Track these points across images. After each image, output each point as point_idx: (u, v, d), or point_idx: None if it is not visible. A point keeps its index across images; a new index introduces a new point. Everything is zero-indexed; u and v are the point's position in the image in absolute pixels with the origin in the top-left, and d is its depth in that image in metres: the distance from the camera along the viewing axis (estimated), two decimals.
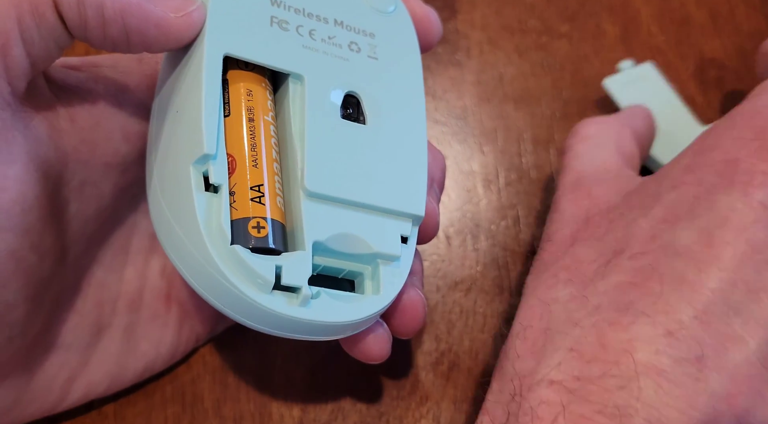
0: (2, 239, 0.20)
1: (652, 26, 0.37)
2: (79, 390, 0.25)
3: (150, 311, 0.26)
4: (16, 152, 0.21)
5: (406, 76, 0.25)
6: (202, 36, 0.21)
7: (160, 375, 0.28)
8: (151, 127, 0.23)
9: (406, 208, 0.23)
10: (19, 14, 0.19)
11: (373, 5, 0.25)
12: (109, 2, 0.20)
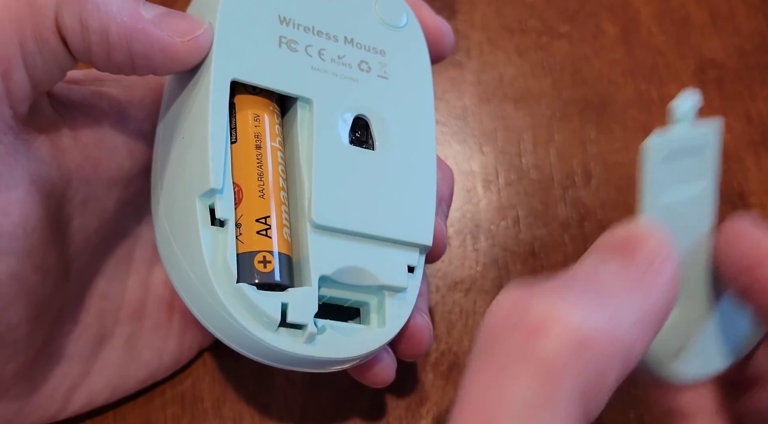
0: (5, 263, 0.20)
1: (652, 26, 0.37)
2: (81, 399, 0.25)
3: (153, 321, 0.26)
4: (18, 176, 0.20)
5: (417, 96, 0.24)
6: (209, 60, 0.21)
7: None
8: (157, 151, 0.23)
9: (413, 238, 0.22)
10: (22, 39, 0.19)
11: (385, 20, 0.24)
12: (114, 27, 0.20)
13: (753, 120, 0.34)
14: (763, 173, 0.33)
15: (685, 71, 0.36)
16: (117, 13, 0.20)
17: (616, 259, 0.18)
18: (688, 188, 0.19)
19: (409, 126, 0.24)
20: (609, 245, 0.18)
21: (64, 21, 0.19)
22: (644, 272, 0.17)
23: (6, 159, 0.20)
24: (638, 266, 0.17)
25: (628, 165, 0.33)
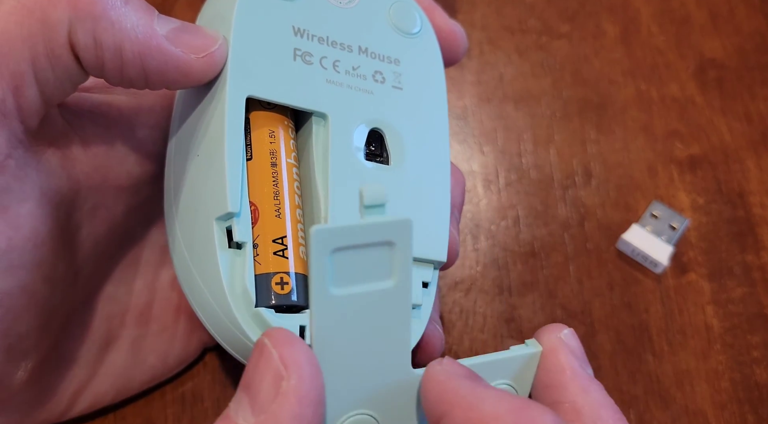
0: (16, 277, 0.20)
1: (652, 26, 0.37)
2: (86, 401, 0.25)
3: (159, 324, 0.26)
4: (28, 190, 0.20)
5: (431, 106, 0.24)
6: (224, 76, 0.20)
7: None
8: (170, 167, 0.23)
9: (428, 255, 0.22)
10: (34, 56, 0.19)
11: (399, 26, 0.24)
12: (128, 45, 0.19)
13: (753, 120, 0.34)
14: (763, 173, 0.33)
15: (685, 71, 0.36)
16: (131, 29, 0.19)
17: (245, 401, 0.16)
18: (376, 284, 0.17)
19: (423, 138, 0.23)
20: (243, 383, 0.17)
21: (77, 38, 0.19)
22: (267, 411, 0.16)
23: (17, 173, 0.20)
24: (261, 406, 0.16)
25: (628, 165, 0.33)
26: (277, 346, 0.16)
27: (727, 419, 0.28)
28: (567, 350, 0.19)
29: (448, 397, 0.17)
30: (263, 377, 0.16)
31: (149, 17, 0.20)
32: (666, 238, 0.31)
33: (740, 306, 0.30)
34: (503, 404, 0.16)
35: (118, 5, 0.19)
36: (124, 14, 0.19)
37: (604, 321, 0.30)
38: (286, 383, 0.16)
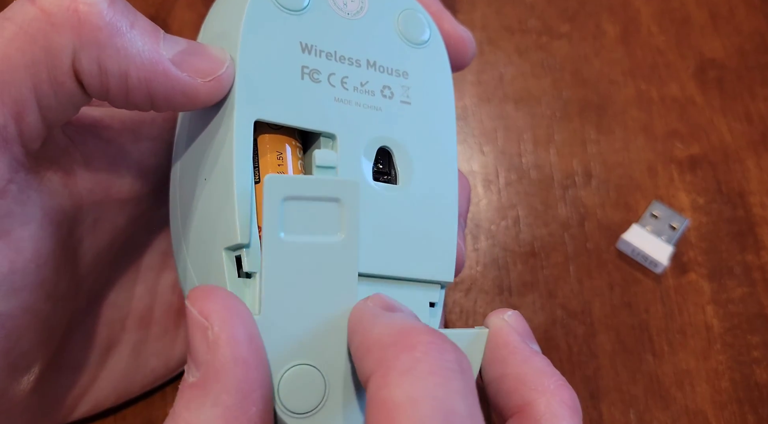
0: (18, 298, 0.20)
1: (652, 26, 0.37)
2: (87, 405, 0.25)
3: (160, 327, 0.26)
4: (30, 212, 0.20)
5: (439, 120, 0.24)
6: (232, 99, 0.20)
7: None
8: (175, 189, 0.22)
9: (436, 276, 0.22)
10: (36, 82, 0.19)
11: (407, 36, 0.24)
12: (134, 71, 0.19)
13: (753, 120, 0.34)
14: (763, 173, 0.33)
15: (685, 71, 0.36)
16: (137, 55, 0.19)
17: (189, 361, 0.17)
18: (324, 238, 0.19)
19: (431, 154, 0.23)
20: (187, 349, 0.17)
21: (81, 65, 0.19)
22: (205, 362, 0.17)
23: (18, 197, 0.20)
24: (200, 361, 0.17)
25: (628, 165, 0.33)
26: (195, 303, 0.17)
27: (727, 419, 0.28)
28: (510, 328, 0.20)
29: (353, 324, 0.18)
30: (194, 335, 0.17)
31: (155, 40, 0.19)
32: (666, 238, 0.31)
33: (740, 306, 0.30)
34: (390, 328, 0.17)
35: (123, 30, 0.19)
36: (129, 40, 0.19)
37: (604, 321, 0.30)
38: (211, 332, 0.17)
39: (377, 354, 0.16)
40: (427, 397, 0.15)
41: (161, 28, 0.20)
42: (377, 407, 0.15)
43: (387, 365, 0.16)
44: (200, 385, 0.17)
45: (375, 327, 0.17)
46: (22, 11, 0.18)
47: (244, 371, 0.17)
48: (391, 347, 0.16)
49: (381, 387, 0.16)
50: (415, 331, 0.17)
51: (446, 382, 0.16)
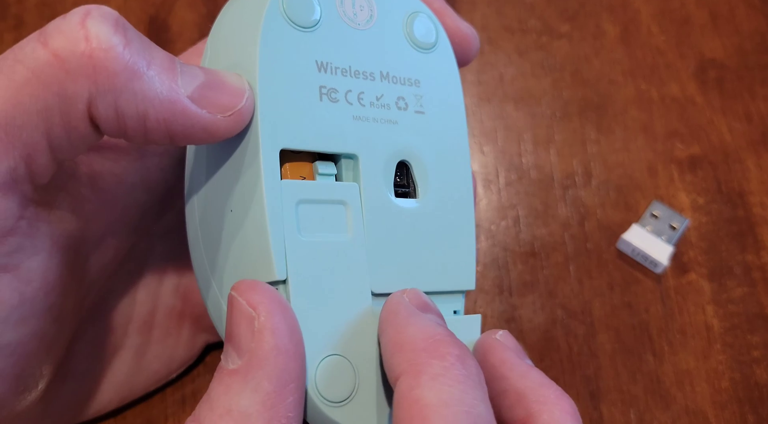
0: (28, 326, 0.20)
1: (652, 26, 0.37)
2: (91, 410, 0.25)
3: (162, 331, 0.26)
4: (39, 243, 0.20)
5: (452, 126, 0.24)
6: (255, 129, 0.20)
7: None
8: (194, 220, 0.22)
9: (459, 285, 0.23)
10: (48, 127, 0.18)
11: (416, 40, 0.24)
12: (152, 112, 0.18)
13: (753, 120, 0.34)
14: (763, 173, 0.33)
15: (685, 71, 0.36)
16: (155, 97, 0.18)
17: (230, 349, 0.18)
18: (335, 236, 0.20)
19: (446, 162, 0.23)
20: (226, 337, 0.18)
21: (98, 111, 0.18)
22: (248, 350, 0.17)
23: (28, 232, 0.19)
24: (243, 348, 0.17)
25: (628, 165, 0.33)
26: (242, 294, 0.18)
27: (727, 419, 0.28)
28: (503, 346, 0.21)
29: (390, 317, 0.19)
30: (239, 324, 0.18)
31: (173, 77, 0.19)
32: (666, 238, 0.31)
33: (740, 306, 0.30)
34: (424, 331, 0.18)
35: (141, 72, 0.18)
36: (147, 81, 0.18)
37: (604, 321, 0.30)
38: (257, 322, 0.17)
39: (409, 355, 0.18)
40: (456, 401, 0.17)
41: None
42: (409, 405, 0.17)
43: (419, 367, 0.17)
44: (242, 371, 0.17)
45: (409, 327, 0.18)
46: (33, 55, 0.17)
47: (285, 360, 0.17)
48: (424, 352, 0.18)
49: (413, 387, 0.17)
50: (447, 342, 0.18)
51: (472, 390, 0.17)
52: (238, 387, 0.17)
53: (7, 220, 0.18)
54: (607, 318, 0.30)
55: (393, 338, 0.18)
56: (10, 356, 0.20)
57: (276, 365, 0.17)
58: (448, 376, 0.17)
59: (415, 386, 0.17)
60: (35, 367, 0.21)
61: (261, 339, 0.17)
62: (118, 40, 0.18)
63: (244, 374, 0.17)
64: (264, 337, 0.17)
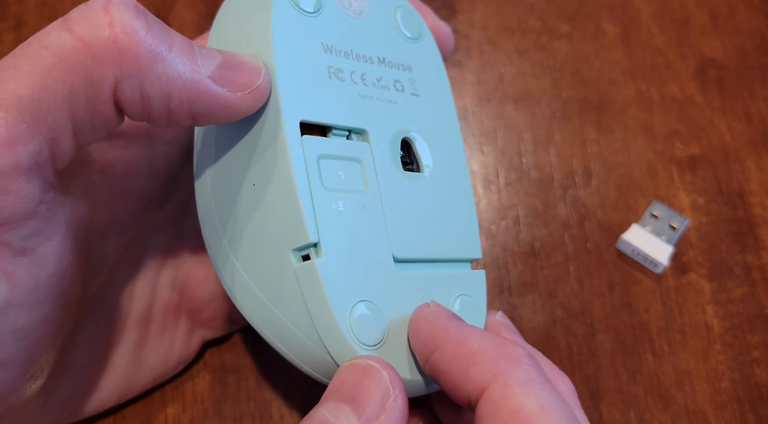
0: (40, 311, 0.20)
1: (652, 26, 0.37)
2: (91, 406, 0.25)
3: (158, 325, 0.26)
4: (55, 228, 0.20)
5: (443, 109, 0.25)
6: (276, 104, 0.20)
7: None
8: (208, 198, 0.22)
9: (465, 254, 0.24)
10: (73, 111, 0.18)
11: (404, 31, 0.25)
12: (176, 93, 0.19)
13: (753, 120, 0.34)
14: (763, 173, 0.33)
15: (685, 71, 0.36)
16: (178, 79, 0.19)
17: (348, 410, 0.19)
18: (355, 190, 0.21)
19: (442, 140, 0.25)
20: (343, 395, 0.19)
21: (123, 94, 0.19)
22: (375, 421, 0.18)
23: (46, 216, 0.19)
24: (368, 418, 0.18)
25: (628, 165, 0.33)
26: (385, 369, 0.19)
27: (727, 419, 0.28)
28: (505, 326, 0.23)
29: (439, 334, 0.19)
30: (372, 393, 0.19)
31: (193, 59, 0.19)
32: (666, 238, 0.31)
33: (740, 306, 0.30)
34: (487, 341, 0.19)
35: (164, 55, 0.18)
36: (169, 64, 0.19)
37: (604, 321, 0.30)
38: (393, 401, 0.19)
39: (488, 365, 0.18)
40: (552, 405, 0.17)
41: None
42: (511, 415, 0.17)
43: (504, 377, 0.18)
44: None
45: (470, 339, 0.19)
46: (59, 40, 0.18)
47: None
48: (501, 360, 0.18)
49: (507, 397, 0.17)
50: (511, 344, 0.19)
51: (553, 389, 0.18)
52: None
53: (28, 203, 0.19)
54: (607, 318, 0.30)
55: (459, 353, 0.19)
56: (23, 341, 0.20)
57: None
58: (533, 379, 0.18)
59: (509, 395, 0.17)
60: (43, 353, 0.21)
61: (391, 417, 0.18)
62: (140, 25, 0.18)
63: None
64: (395, 416, 0.18)
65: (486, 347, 0.19)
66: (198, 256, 0.27)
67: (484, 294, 0.24)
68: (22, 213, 0.19)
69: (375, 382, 0.19)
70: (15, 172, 0.18)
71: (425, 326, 0.20)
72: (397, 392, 0.19)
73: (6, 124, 0.18)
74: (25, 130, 0.18)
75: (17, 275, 0.19)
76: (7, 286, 0.19)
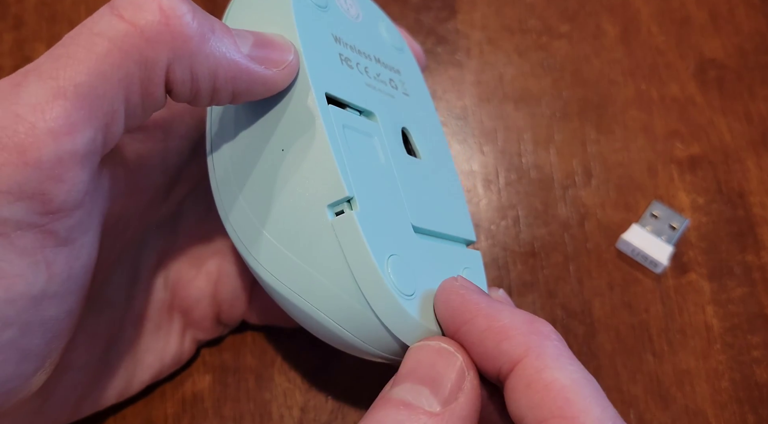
0: (67, 302, 0.20)
1: (652, 26, 0.37)
2: (88, 406, 0.25)
3: (153, 323, 0.26)
4: (93, 219, 0.20)
5: (428, 110, 0.27)
6: (304, 77, 0.21)
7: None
8: (228, 176, 0.22)
9: (462, 234, 0.25)
10: (128, 95, 0.19)
11: (391, 43, 0.27)
12: (222, 72, 0.20)
13: (753, 120, 0.34)
14: (763, 173, 0.33)
15: (685, 71, 0.36)
16: (222, 58, 0.20)
17: (427, 392, 0.19)
18: (375, 159, 0.22)
19: (431, 135, 0.26)
20: (419, 377, 0.20)
21: (175, 76, 0.19)
22: (454, 401, 0.19)
23: (89, 207, 0.20)
24: (447, 398, 0.19)
25: (628, 165, 0.33)
26: (458, 351, 0.20)
27: (727, 419, 0.28)
28: (508, 303, 0.23)
29: (470, 307, 0.20)
30: (449, 375, 0.19)
31: (232, 39, 0.20)
32: (666, 238, 0.31)
33: (740, 306, 0.30)
34: (517, 316, 0.20)
35: (208, 36, 0.19)
36: (214, 44, 0.19)
37: (604, 321, 0.30)
38: (468, 382, 0.19)
39: (521, 340, 0.19)
40: (583, 379, 0.18)
41: None
42: (546, 387, 0.18)
43: (537, 351, 0.19)
44: (442, 418, 0.19)
45: (501, 313, 0.20)
46: (111, 26, 0.18)
47: (476, 421, 0.19)
48: (533, 335, 0.19)
49: (541, 370, 0.18)
50: (537, 320, 0.20)
51: (581, 365, 0.19)
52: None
53: (79, 193, 0.19)
54: (607, 318, 0.30)
55: (492, 326, 0.19)
56: (48, 332, 0.20)
57: (473, 422, 0.19)
58: (564, 355, 0.19)
59: (543, 369, 0.18)
60: (60, 347, 0.21)
61: (469, 397, 0.19)
62: (186, 8, 0.19)
63: (445, 421, 0.19)
64: (472, 395, 0.19)
65: (517, 323, 0.19)
66: (190, 254, 0.27)
67: (483, 271, 0.25)
68: (73, 202, 0.19)
69: (451, 364, 0.19)
70: (72, 160, 0.18)
71: (457, 298, 0.20)
72: (472, 373, 0.19)
73: (65, 111, 0.18)
74: (84, 117, 0.18)
75: (56, 265, 0.19)
76: (46, 275, 0.19)
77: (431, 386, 0.19)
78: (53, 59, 0.18)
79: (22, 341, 0.19)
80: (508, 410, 0.19)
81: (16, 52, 0.34)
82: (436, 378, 0.19)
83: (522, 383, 0.18)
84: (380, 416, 0.19)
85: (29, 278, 0.19)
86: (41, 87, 0.18)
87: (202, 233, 0.27)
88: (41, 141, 0.18)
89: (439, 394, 0.19)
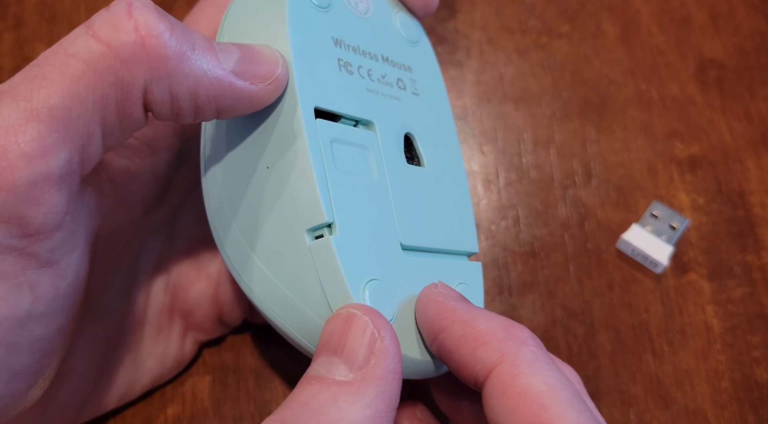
0: (56, 321, 0.20)
1: (652, 26, 0.37)
2: (89, 411, 0.25)
3: (153, 327, 0.26)
4: (77, 239, 0.20)
5: (441, 110, 0.26)
6: (292, 91, 0.21)
7: None
8: (216, 186, 0.22)
9: (463, 247, 0.25)
10: (104, 116, 0.18)
11: (404, 34, 0.26)
12: (203, 91, 0.19)
13: (753, 120, 0.34)
14: (763, 173, 0.33)
15: (685, 71, 0.36)
16: (203, 76, 0.19)
17: (338, 361, 0.19)
18: (364, 173, 0.22)
19: (440, 139, 0.26)
20: (331, 348, 0.19)
21: (153, 96, 0.19)
22: (365, 367, 0.18)
23: (71, 226, 0.19)
24: (359, 364, 0.18)
25: (628, 165, 0.33)
26: (367, 314, 0.19)
27: (727, 419, 0.28)
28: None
29: (447, 314, 0.20)
30: (358, 340, 0.19)
31: (215, 55, 0.19)
32: (666, 238, 0.31)
33: (740, 306, 0.30)
34: (494, 322, 0.19)
35: (188, 54, 0.19)
36: (194, 62, 0.19)
37: (604, 321, 0.30)
38: (380, 343, 0.19)
39: (496, 346, 0.19)
40: (559, 383, 0.18)
41: None
42: (521, 394, 0.18)
43: (512, 357, 0.18)
44: (355, 385, 0.18)
45: (477, 320, 0.19)
46: (86, 47, 0.18)
47: (397, 386, 0.19)
48: (508, 341, 0.19)
49: (516, 376, 0.18)
50: (516, 326, 0.19)
51: (559, 370, 0.19)
52: (349, 399, 0.18)
53: (58, 214, 0.19)
54: (607, 318, 0.30)
55: (468, 333, 0.19)
56: (38, 352, 0.20)
57: (390, 387, 0.18)
58: (540, 360, 0.18)
59: (518, 375, 0.18)
60: (52, 363, 0.21)
61: (381, 360, 0.18)
62: (164, 27, 0.18)
63: (356, 388, 0.18)
64: (385, 359, 0.18)
65: (494, 329, 0.19)
66: (189, 258, 0.27)
67: (482, 284, 0.24)
68: (52, 224, 0.19)
69: (359, 329, 0.19)
70: (47, 183, 0.18)
71: (434, 306, 0.20)
72: (383, 333, 0.19)
73: (39, 134, 0.17)
74: (58, 140, 0.18)
75: (41, 287, 0.19)
76: (31, 297, 0.19)
77: (342, 355, 0.19)
78: (27, 81, 0.18)
79: (9, 361, 0.19)
80: (487, 417, 0.19)
81: (16, 52, 0.34)
82: (347, 346, 0.19)
83: (497, 390, 0.18)
84: (295, 395, 0.18)
85: (12, 300, 0.18)
86: (14, 109, 0.18)
87: (201, 235, 0.27)
88: (14, 165, 0.17)
89: (351, 361, 0.18)
